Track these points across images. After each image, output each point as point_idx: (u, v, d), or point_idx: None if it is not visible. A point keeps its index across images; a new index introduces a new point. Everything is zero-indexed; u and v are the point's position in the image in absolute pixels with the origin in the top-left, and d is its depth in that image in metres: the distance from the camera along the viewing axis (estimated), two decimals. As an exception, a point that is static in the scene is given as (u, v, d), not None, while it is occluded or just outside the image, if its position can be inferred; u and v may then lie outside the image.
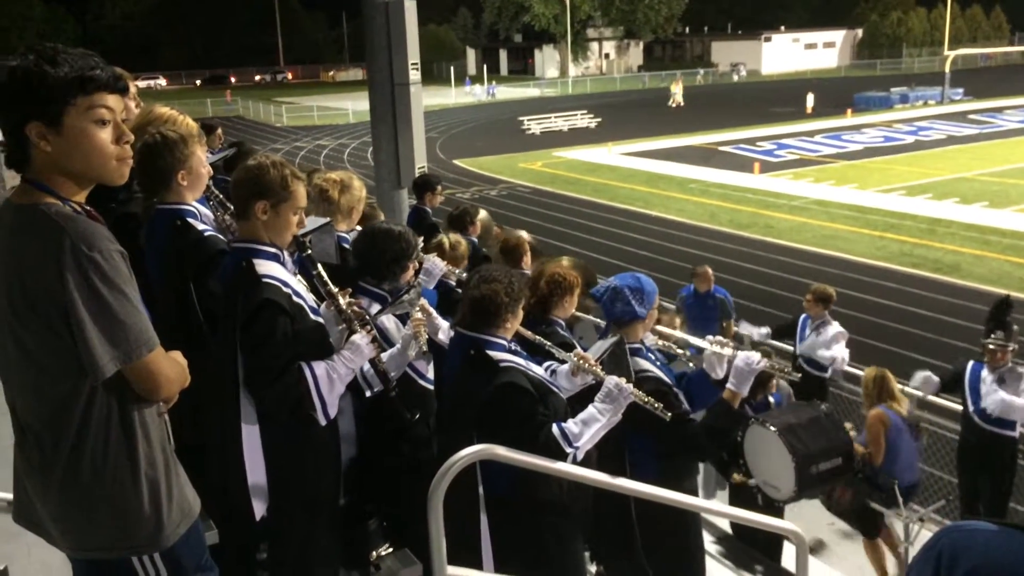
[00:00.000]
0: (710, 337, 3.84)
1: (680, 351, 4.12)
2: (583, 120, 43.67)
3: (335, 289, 3.04)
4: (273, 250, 2.91)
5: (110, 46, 67.56)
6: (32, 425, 2.03)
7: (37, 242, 1.90)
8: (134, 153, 2.11)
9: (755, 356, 3.57)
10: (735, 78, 71.81)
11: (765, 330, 8.92)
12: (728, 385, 3.57)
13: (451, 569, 2.93)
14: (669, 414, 3.24)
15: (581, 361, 3.35)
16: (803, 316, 8.51)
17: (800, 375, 6.28)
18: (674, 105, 50.36)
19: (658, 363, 3.81)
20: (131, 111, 3.70)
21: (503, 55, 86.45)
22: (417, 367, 3.51)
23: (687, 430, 3.53)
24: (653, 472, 3.61)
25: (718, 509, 3.75)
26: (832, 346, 8.09)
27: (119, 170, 2.05)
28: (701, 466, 4.64)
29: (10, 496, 2.21)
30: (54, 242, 1.88)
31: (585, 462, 3.23)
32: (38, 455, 2.03)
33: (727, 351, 3.68)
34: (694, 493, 3.91)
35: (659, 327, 4.23)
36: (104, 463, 2.02)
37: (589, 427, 3.15)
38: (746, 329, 9.02)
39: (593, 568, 4.36)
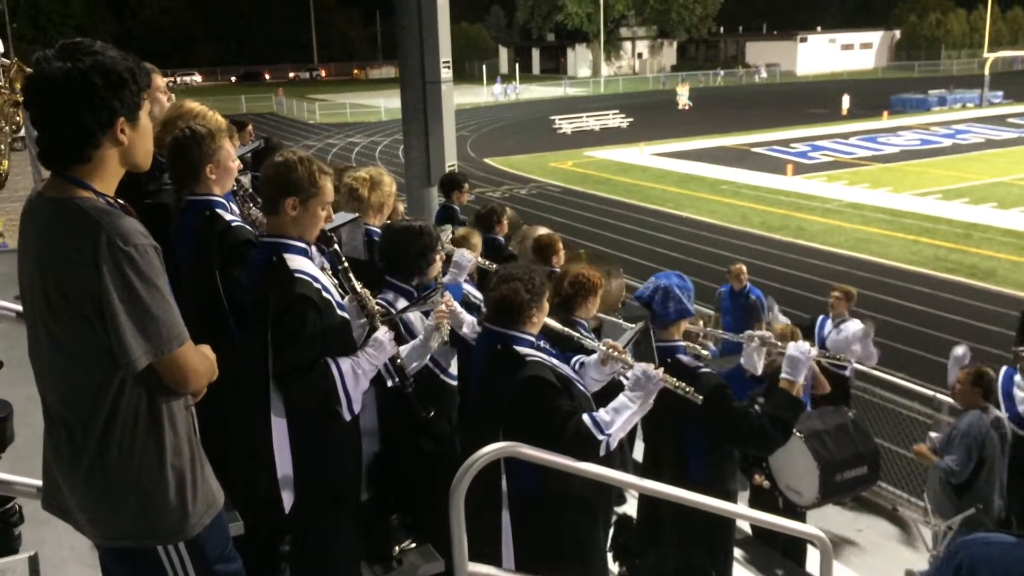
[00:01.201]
0: (749, 332, 3.83)
1: (704, 352, 4.09)
2: (615, 120, 43.52)
3: (359, 284, 3.06)
4: (302, 245, 2.94)
5: (147, 42, 68.51)
6: (62, 414, 2.06)
7: (73, 236, 1.93)
8: (165, 147, 2.15)
9: (805, 345, 3.59)
10: (756, 79, 71.08)
11: (775, 308, 9.00)
12: (783, 375, 3.59)
13: (472, 565, 2.93)
14: (700, 397, 3.22)
15: (610, 350, 3.35)
16: (820, 317, 8.52)
17: (849, 363, 6.29)
18: (681, 107, 49.64)
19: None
20: (163, 105, 3.75)
21: (535, 54, 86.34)
22: (440, 362, 3.53)
23: (754, 421, 3.55)
24: (704, 471, 3.63)
25: (745, 513, 3.72)
26: (854, 343, 8.06)
27: (151, 158, 2.16)
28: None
29: (40, 483, 2.25)
30: (90, 236, 1.91)
31: (608, 460, 3.23)
32: (67, 444, 2.06)
33: (774, 344, 3.72)
34: (735, 494, 3.90)
35: (691, 327, 4.17)
36: (131, 453, 2.04)
37: (620, 415, 3.15)
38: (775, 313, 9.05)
39: (616, 568, 4.35)
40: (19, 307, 3.03)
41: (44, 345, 2.04)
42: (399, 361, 3.07)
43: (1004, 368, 6.58)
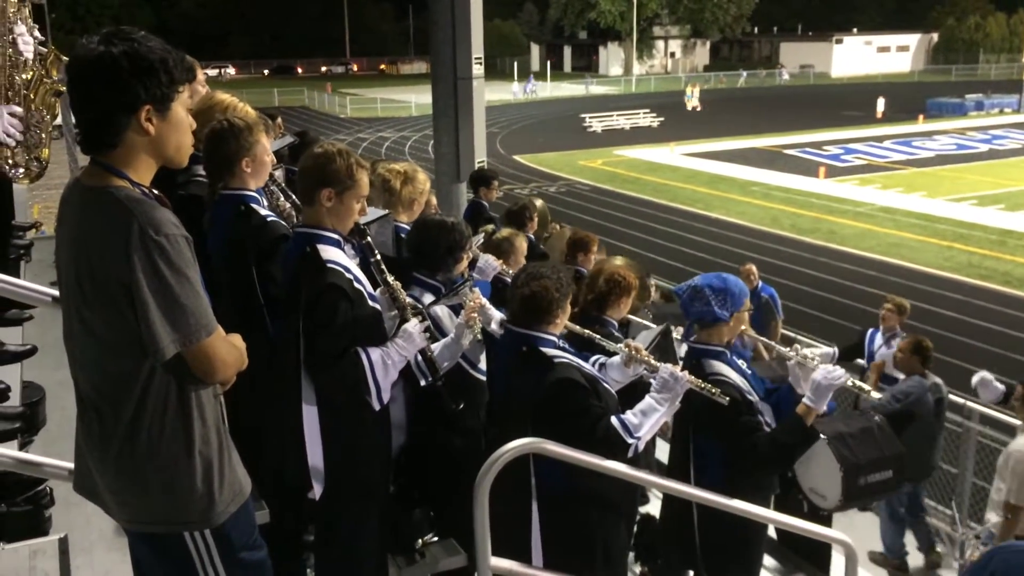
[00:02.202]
0: (797, 346, 3.67)
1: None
2: (645, 119, 43.33)
3: (391, 277, 3.08)
4: (336, 236, 2.98)
5: (183, 35, 69.13)
6: (93, 400, 2.09)
7: (106, 224, 1.95)
8: (199, 139, 2.17)
9: (838, 371, 3.35)
10: (778, 80, 70.19)
11: (833, 350, 8.59)
12: (804, 399, 3.38)
13: (495, 560, 2.94)
14: (727, 398, 3.20)
15: (633, 351, 3.34)
16: (870, 330, 8.28)
17: (880, 396, 6.17)
18: (690, 108, 48.57)
19: (749, 372, 3.68)
20: (198, 93, 3.78)
21: (567, 52, 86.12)
22: (471, 358, 3.53)
23: (751, 440, 3.41)
24: (719, 479, 3.53)
25: (767, 515, 3.68)
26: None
27: (188, 154, 2.16)
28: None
29: (71, 466, 2.28)
30: (123, 225, 1.93)
31: (633, 460, 3.22)
32: (97, 429, 2.09)
33: (811, 363, 3.48)
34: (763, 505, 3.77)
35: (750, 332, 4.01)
36: (160, 440, 2.07)
37: (648, 417, 3.15)
38: (820, 350, 8.64)
39: (638, 568, 4.35)
40: (55, 292, 3.08)
41: (77, 331, 2.07)
42: (429, 354, 3.09)
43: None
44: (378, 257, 3.08)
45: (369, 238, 3.09)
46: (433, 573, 3.51)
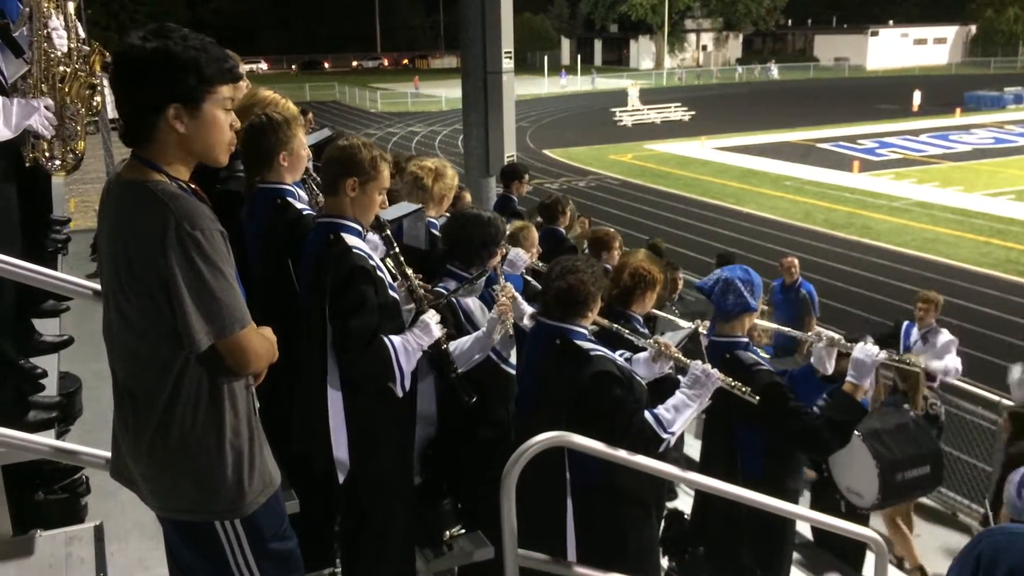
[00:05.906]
0: (818, 329, 3.77)
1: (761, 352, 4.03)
2: (676, 113, 43.02)
3: (409, 270, 3.14)
4: (357, 226, 3.04)
5: (216, 30, 69.73)
6: (129, 389, 2.13)
7: (143, 218, 1.99)
8: (239, 132, 2.19)
9: (875, 348, 3.51)
10: (767, 76, 68.51)
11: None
12: (848, 378, 3.51)
13: (523, 553, 2.95)
14: (757, 398, 3.21)
15: (663, 347, 3.34)
16: (906, 323, 8.18)
17: (922, 368, 6.09)
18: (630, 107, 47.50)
19: (766, 358, 3.75)
20: (240, 91, 3.82)
21: (598, 45, 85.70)
22: (501, 352, 3.55)
23: (807, 423, 3.47)
24: (759, 469, 3.59)
25: (798, 512, 3.66)
26: (944, 355, 7.68)
27: (227, 154, 2.16)
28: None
29: (106, 455, 2.33)
30: (159, 218, 1.96)
31: (662, 455, 3.22)
32: (132, 418, 2.13)
33: (840, 345, 3.64)
34: (798, 493, 3.86)
35: (763, 322, 4.12)
36: (192, 430, 2.10)
37: (681, 413, 3.18)
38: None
39: (665, 562, 4.33)
40: (92, 285, 3.14)
41: (115, 322, 2.11)
42: (444, 347, 3.12)
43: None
44: (397, 250, 3.13)
45: (388, 231, 3.14)
46: (460, 565, 3.54)
